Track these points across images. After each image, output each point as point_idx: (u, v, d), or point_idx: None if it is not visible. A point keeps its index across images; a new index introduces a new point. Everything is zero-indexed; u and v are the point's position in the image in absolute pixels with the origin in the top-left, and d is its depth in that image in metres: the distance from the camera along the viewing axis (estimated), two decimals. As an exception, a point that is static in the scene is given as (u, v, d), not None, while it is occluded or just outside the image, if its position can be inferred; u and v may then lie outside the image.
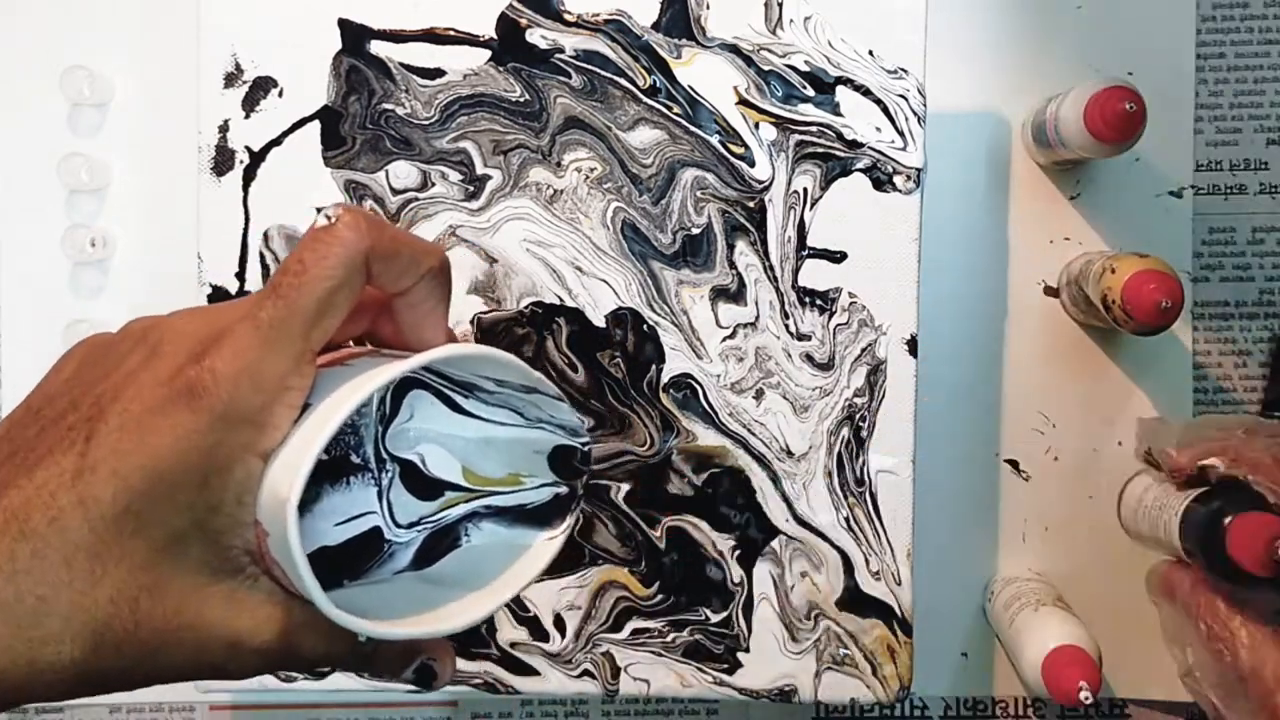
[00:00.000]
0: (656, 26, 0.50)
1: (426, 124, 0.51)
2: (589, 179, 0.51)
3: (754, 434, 0.51)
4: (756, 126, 0.51)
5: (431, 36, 0.51)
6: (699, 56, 0.50)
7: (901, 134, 0.51)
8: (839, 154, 0.51)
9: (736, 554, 0.51)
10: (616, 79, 0.50)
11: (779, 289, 0.51)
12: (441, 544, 0.35)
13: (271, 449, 0.29)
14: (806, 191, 0.51)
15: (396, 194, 0.51)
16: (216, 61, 0.51)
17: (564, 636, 0.52)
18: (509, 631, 0.52)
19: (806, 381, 0.51)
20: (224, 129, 0.51)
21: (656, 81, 0.50)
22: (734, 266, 0.51)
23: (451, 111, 0.51)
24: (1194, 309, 0.61)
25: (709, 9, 0.50)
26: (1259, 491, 0.48)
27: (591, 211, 0.51)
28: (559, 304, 0.51)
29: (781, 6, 0.50)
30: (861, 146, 0.51)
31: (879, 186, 0.51)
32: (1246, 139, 0.61)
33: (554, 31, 0.50)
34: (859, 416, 0.51)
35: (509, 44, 0.50)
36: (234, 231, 0.51)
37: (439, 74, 0.51)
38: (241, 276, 0.52)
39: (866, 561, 0.51)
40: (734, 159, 0.50)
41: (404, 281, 0.31)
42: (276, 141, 0.51)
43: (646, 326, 0.51)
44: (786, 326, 0.51)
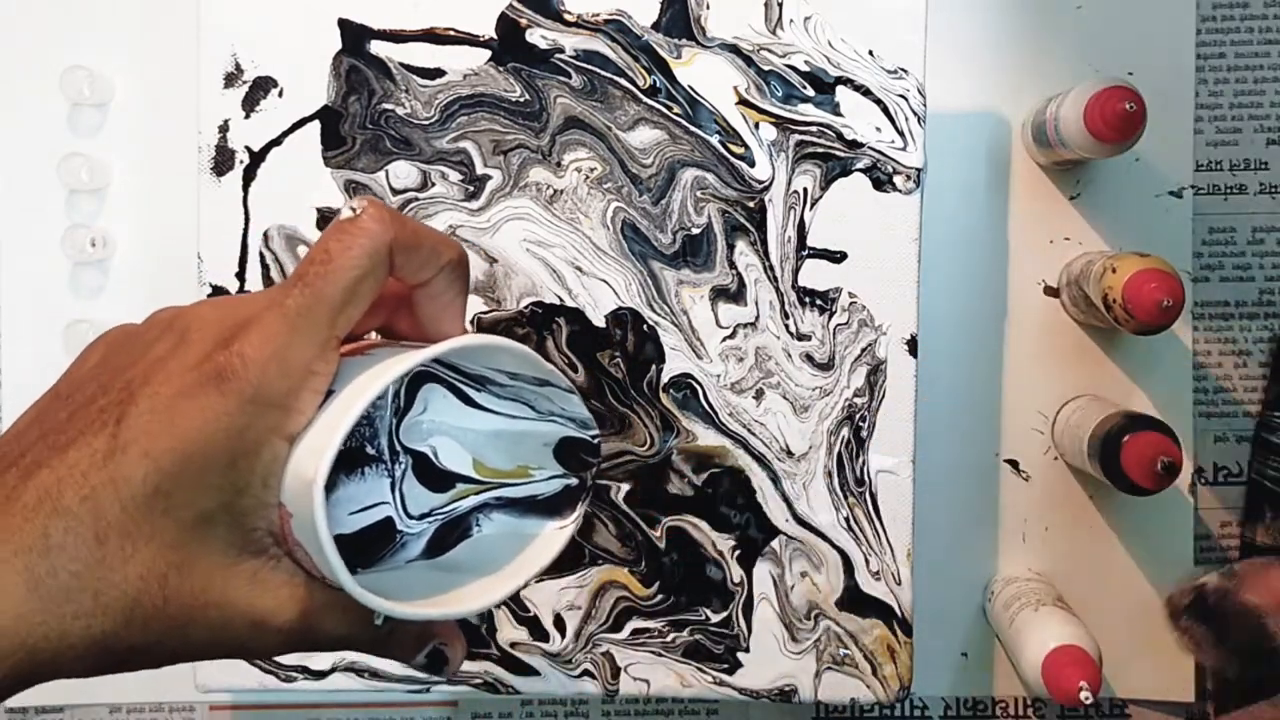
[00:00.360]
0: (656, 26, 0.50)
1: (426, 124, 0.51)
2: (589, 179, 0.51)
3: (754, 434, 0.51)
4: (756, 126, 0.51)
5: (431, 36, 0.51)
6: (699, 56, 0.50)
7: (901, 134, 0.51)
8: (839, 154, 0.51)
9: (736, 554, 0.51)
10: (616, 79, 0.50)
11: (779, 289, 0.51)
12: (453, 534, 0.35)
13: (297, 433, 0.30)
14: (806, 191, 0.51)
15: (396, 194, 0.51)
16: (216, 61, 0.51)
17: (564, 636, 0.52)
18: (509, 631, 0.52)
19: (806, 381, 0.51)
20: (224, 129, 0.51)
21: (656, 81, 0.50)
22: (734, 266, 0.51)
23: (451, 111, 0.51)
24: (1194, 309, 0.61)
25: (709, 9, 0.50)
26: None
27: (591, 211, 0.51)
28: (559, 304, 0.51)
29: (781, 6, 0.50)
30: (861, 146, 0.51)
31: (879, 186, 0.51)
32: (1246, 139, 0.61)
33: (554, 31, 0.50)
34: (859, 416, 0.51)
35: (509, 44, 0.50)
36: (234, 231, 0.51)
37: (439, 74, 0.51)
38: (241, 276, 0.52)
39: (866, 561, 0.51)
40: (734, 159, 0.50)
41: (425, 273, 0.32)
42: (276, 141, 0.51)
43: (646, 326, 0.51)
44: (786, 326, 0.51)
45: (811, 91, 0.51)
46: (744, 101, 0.50)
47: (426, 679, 0.52)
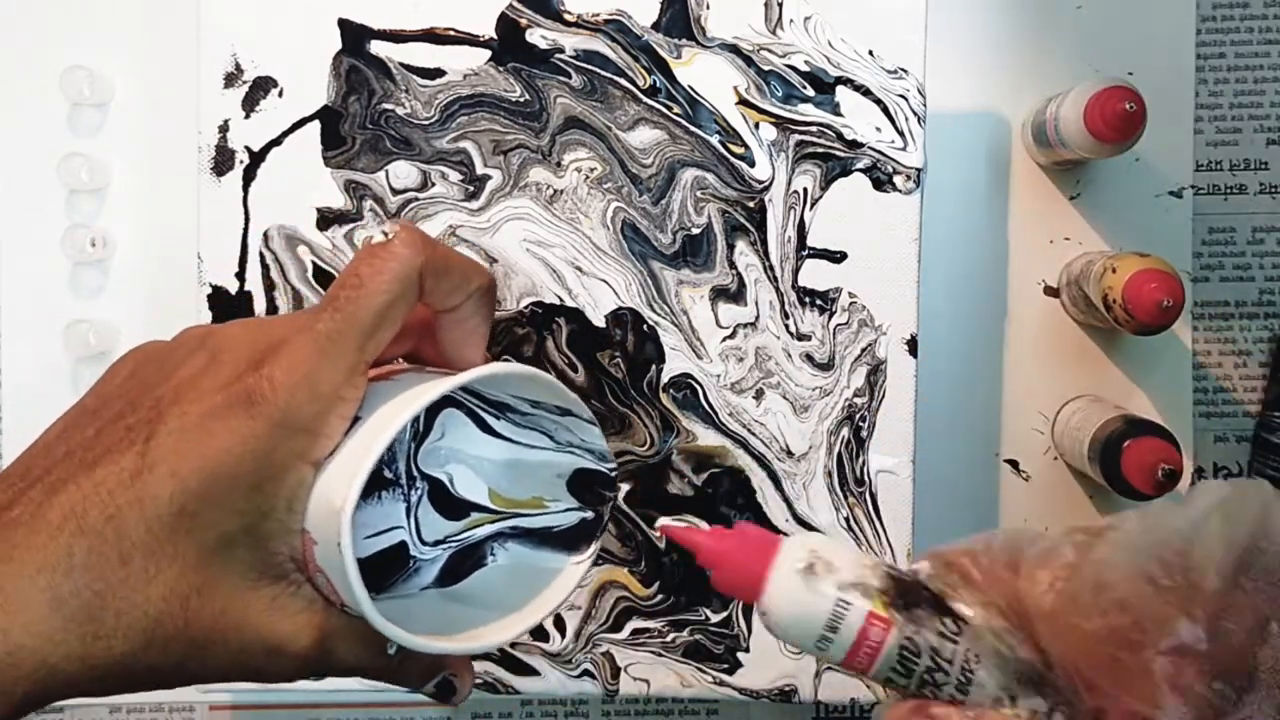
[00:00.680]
0: (656, 26, 0.50)
1: (426, 124, 0.51)
2: (589, 179, 0.51)
3: (754, 434, 0.51)
4: (756, 126, 0.51)
5: (431, 36, 0.51)
6: (699, 56, 0.50)
7: (901, 134, 0.51)
8: (839, 154, 0.51)
9: (736, 554, 0.51)
10: (616, 79, 0.50)
11: (779, 289, 0.51)
12: (466, 562, 0.35)
13: (323, 458, 0.30)
14: (806, 191, 0.51)
15: (396, 194, 0.51)
16: (216, 61, 0.51)
17: (564, 636, 0.52)
18: (509, 631, 0.52)
19: (806, 381, 0.51)
20: (224, 129, 0.51)
21: (656, 81, 0.50)
22: (734, 266, 0.51)
23: (451, 111, 0.51)
24: (1194, 309, 0.61)
25: (709, 9, 0.50)
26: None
27: (591, 211, 0.51)
28: (559, 304, 0.51)
29: (781, 6, 0.50)
30: (861, 146, 0.51)
31: (879, 186, 0.51)
32: (1246, 139, 0.61)
33: (554, 31, 0.50)
34: (859, 416, 0.51)
35: (509, 44, 0.50)
36: (234, 231, 0.51)
37: (439, 74, 0.51)
38: (241, 276, 0.52)
39: (866, 561, 0.51)
40: (734, 159, 0.50)
41: (454, 299, 0.32)
42: (276, 141, 0.51)
43: (646, 326, 0.51)
44: (786, 326, 0.51)
45: (811, 91, 0.51)
46: (744, 101, 0.50)
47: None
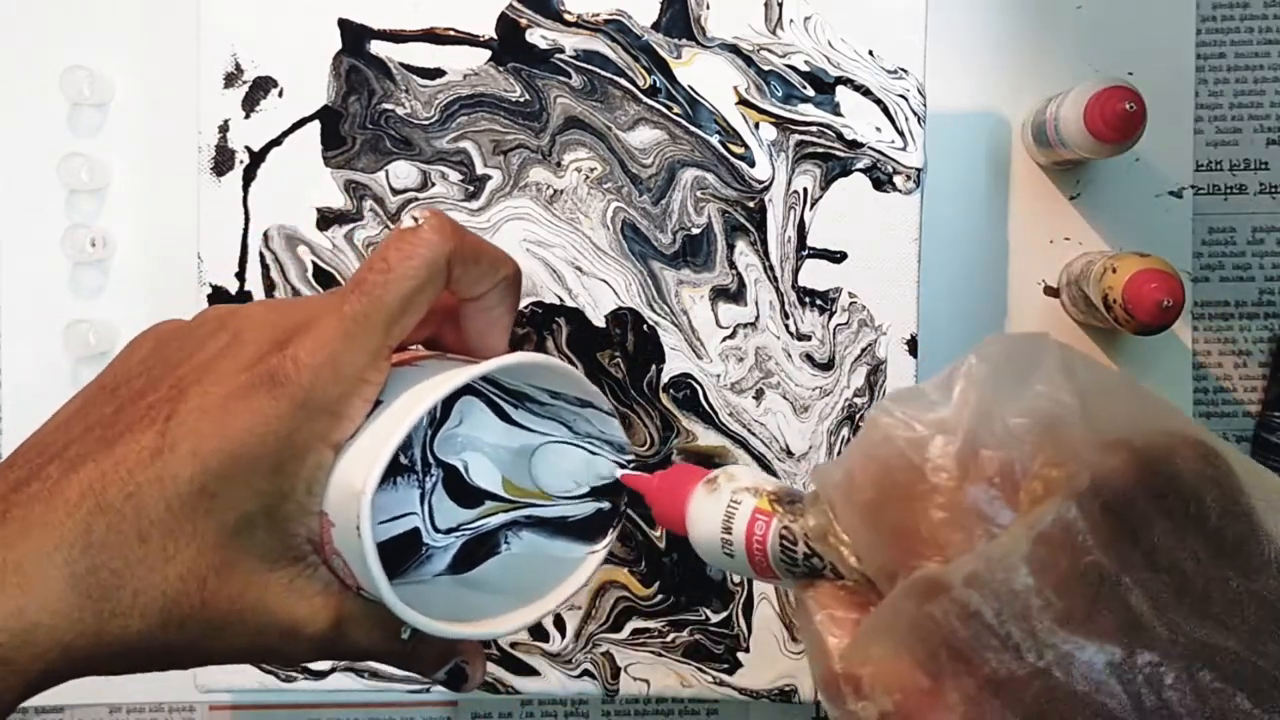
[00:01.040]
0: (656, 26, 0.50)
1: (426, 124, 0.51)
2: (589, 179, 0.51)
3: (754, 434, 0.51)
4: (756, 126, 0.51)
5: (431, 36, 0.51)
6: (699, 56, 0.51)
7: (901, 134, 0.51)
8: (839, 154, 0.51)
9: (736, 554, 0.51)
10: (616, 79, 0.50)
11: (779, 289, 0.51)
12: (480, 550, 0.35)
13: (344, 441, 0.30)
14: (806, 191, 0.51)
15: (396, 194, 0.51)
16: (216, 61, 0.51)
17: (564, 636, 0.52)
18: (509, 631, 0.52)
19: (806, 381, 0.51)
20: (224, 129, 0.51)
21: (656, 81, 0.50)
22: (734, 266, 0.51)
23: (451, 111, 0.51)
24: (1194, 309, 0.61)
25: (709, 9, 0.50)
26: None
27: (591, 211, 0.51)
28: (559, 304, 0.51)
29: (781, 6, 0.50)
30: (861, 146, 0.51)
31: (879, 186, 0.51)
32: (1246, 139, 0.61)
33: (554, 31, 0.50)
34: (859, 416, 0.51)
35: (509, 44, 0.50)
36: (234, 231, 0.51)
37: (439, 74, 0.51)
38: (241, 276, 0.52)
39: (866, 561, 0.51)
40: (734, 159, 0.50)
41: (480, 287, 0.32)
42: (276, 141, 0.51)
43: (646, 326, 0.51)
44: (786, 326, 0.51)
45: (811, 91, 0.51)
46: (744, 101, 0.50)
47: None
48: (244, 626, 0.30)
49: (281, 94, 0.51)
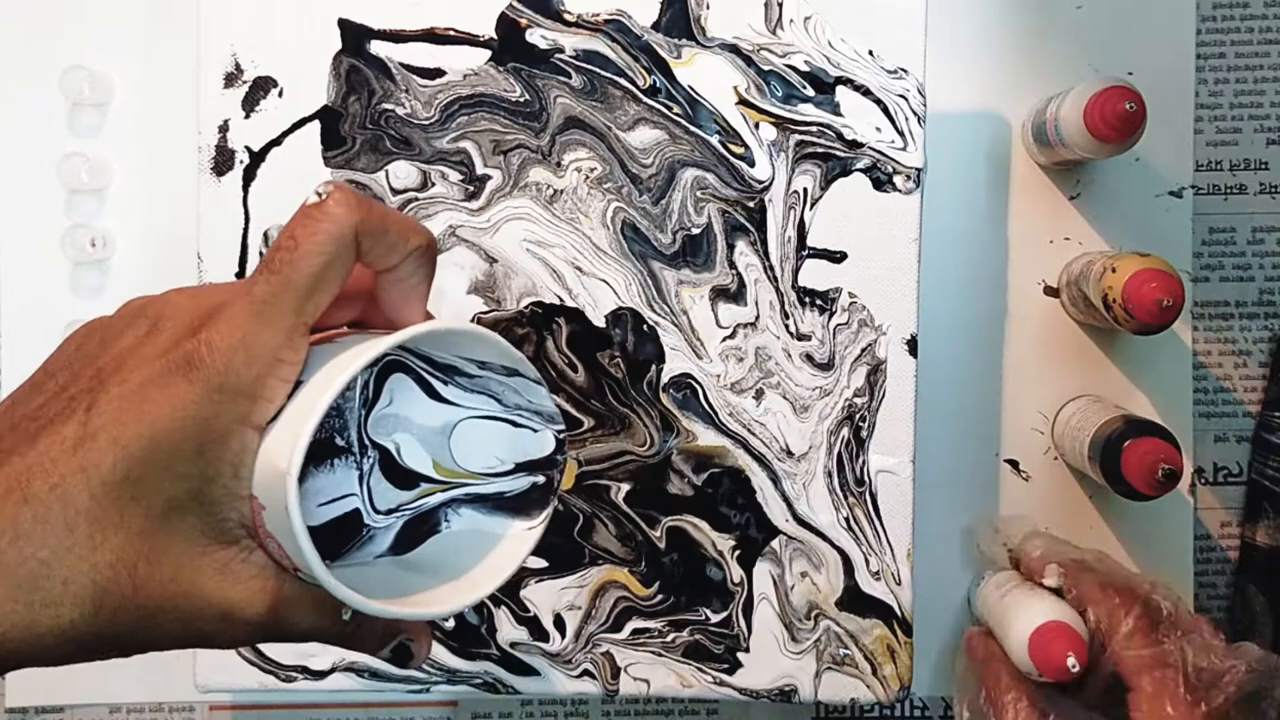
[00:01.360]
0: (656, 26, 0.50)
1: (426, 124, 0.51)
2: (589, 179, 0.51)
3: (754, 434, 0.51)
4: (756, 126, 0.51)
5: (431, 36, 0.51)
6: (699, 56, 0.50)
7: (901, 134, 0.51)
8: (839, 154, 0.51)
9: (736, 554, 0.51)
10: (616, 79, 0.50)
11: (779, 289, 0.51)
12: (421, 529, 0.35)
13: (266, 421, 0.30)
14: (806, 191, 0.51)
15: (396, 194, 0.51)
16: (216, 61, 0.51)
17: (564, 636, 0.52)
18: (509, 631, 0.52)
19: (806, 381, 0.51)
20: (224, 129, 0.51)
21: (656, 81, 0.50)
22: (734, 266, 0.51)
23: (451, 111, 0.51)
24: (1194, 309, 0.61)
25: (709, 9, 0.50)
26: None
27: (591, 211, 0.51)
28: (559, 304, 0.51)
29: (781, 6, 0.50)
30: (861, 146, 0.51)
31: (879, 186, 0.51)
32: (1246, 139, 0.61)
33: (554, 31, 0.50)
34: (859, 416, 0.51)
35: (509, 44, 0.50)
36: (234, 231, 0.51)
37: (439, 74, 0.51)
38: (241, 276, 0.52)
39: (866, 561, 0.51)
40: (734, 159, 0.50)
41: (391, 258, 0.32)
42: (276, 141, 0.51)
43: (646, 326, 0.51)
44: (786, 326, 0.51)
45: (811, 91, 0.51)
46: (744, 101, 0.50)
47: (426, 679, 0.52)
48: (178, 612, 0.30)
49: (281, 94, 0.51)
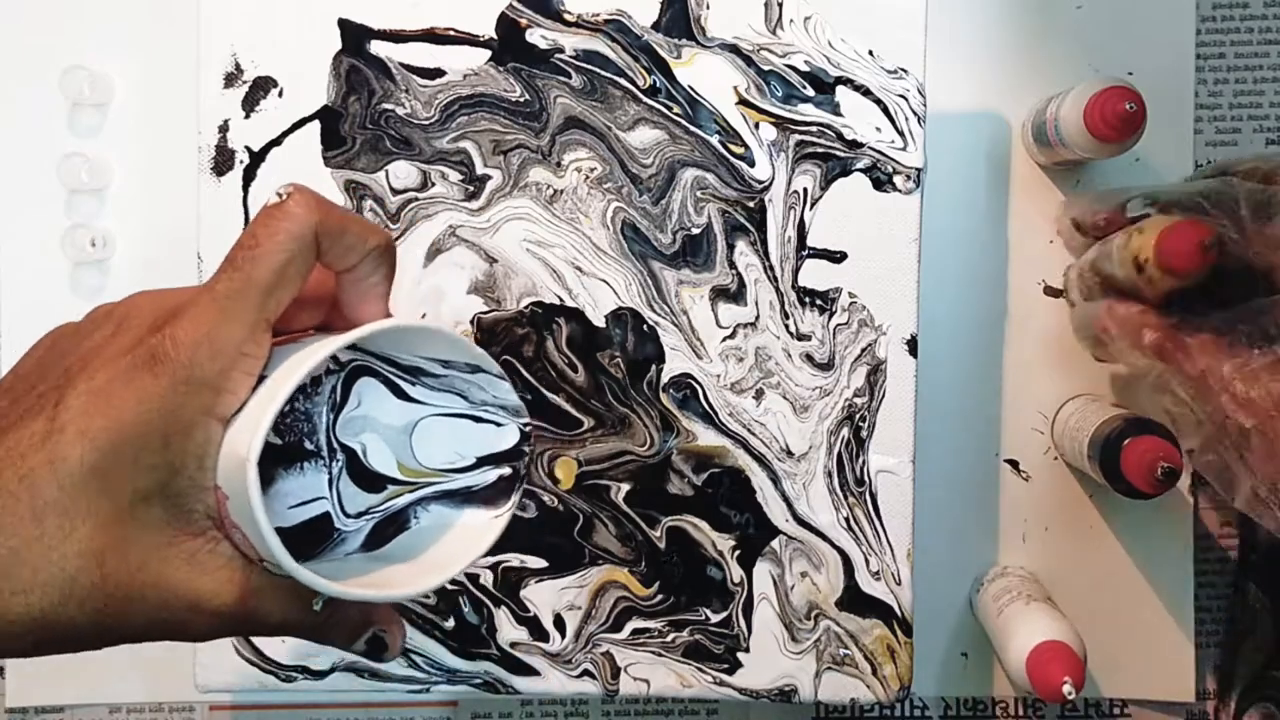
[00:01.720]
0: (656, 26, 0.50)
1: (426, 124, 0.51)
2: (589, 179, 0.51)
3: (754, 434, 0.51)
4: (756, 126, 0.51)
5: (431, 36, 0.51)
6: (699, 56, 0.50)
7: (901, 134, 0.51)
8: (839, 154, 0.51)
9: (736, 554, 0.51)
10: (616, 79, 0.50)
11: (779, 289, 0.51)
12: (390, 527, 0.36)
13: (229, 414, 0.31)
14: (806, 191, 0.51)
15: (396, 194, 0.51)
16: (216, 61, 0.51)
17: (564, 636, 0.52)
18: (509, 631, 0.52)
19: (806, 381, 0.51)
20: (224, 129, 0.51)
21: (656, 81, 0.50)
22: (734, 266, 0.51)
23: (451, 111, 0.51)
24: (1194, 309, 0.61)
25: (709, 9, 0.50)
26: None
27: (591, 211, 0.51)
28: (559, 304, 0.51)
29: (781, 6, 0.50)
30: (861, 146, 0.51)
31: (879, 186, 0.51)
32: (1246, 139, 0.61)
33: (554, 31, 0.50)
34: (859, 416, 0.51)
35: (509, 44, 0.50)
36: (234, 231, 0.51)
37: (439, 74, 0.51)
38: (241, 276, 0.52)
39: (866, 561, 0.51)
40: (734, 159, 0.50)
41: (350, 258, 0.33)
42: (276, 141, 0.51)
43: (646, 326, 0.51)
44: (786, 326, 0.51)
45: (811, 91, 0.51)
46: (744, 101, 0.50)
47: (426, 678, 0.52)
48: (145, 603, 0.31)
49: (281, 94, 0.51)
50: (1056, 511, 0.61)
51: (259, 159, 0.51)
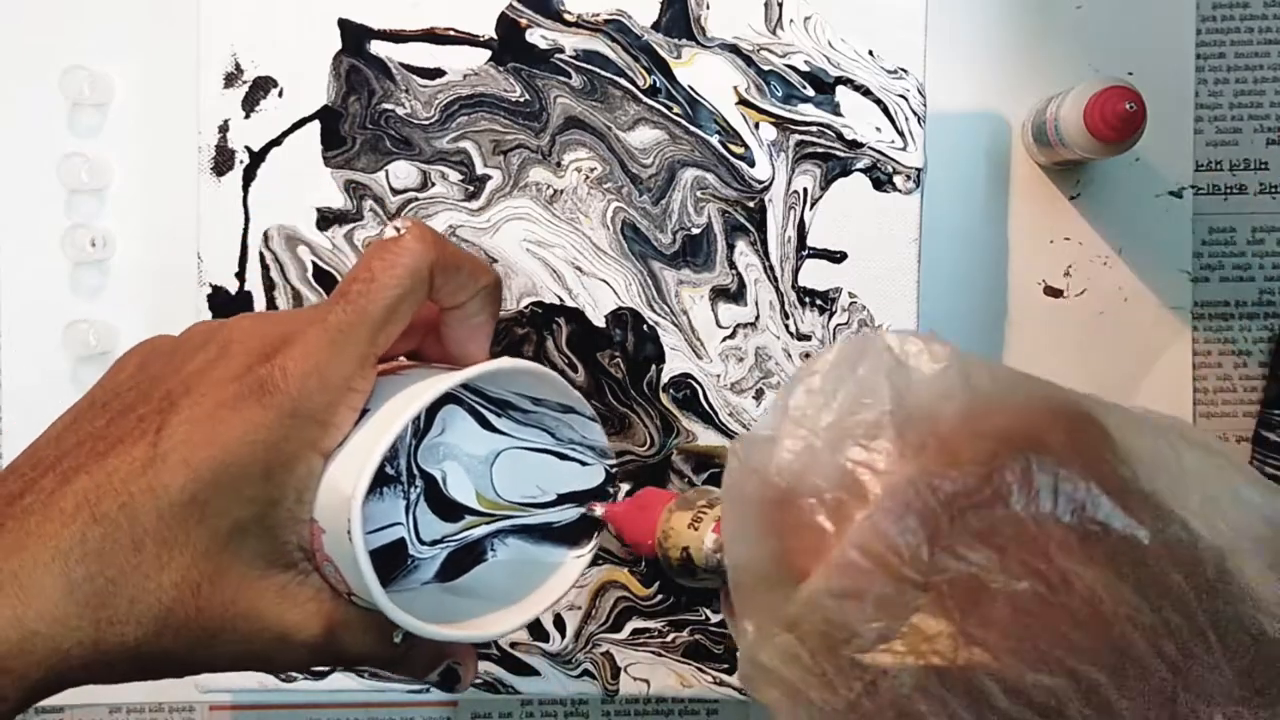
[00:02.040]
0: (656, 26, 0.50)
1: (426, 124, 0.51)
2: (589, 179, 0.51)
3: (754, 434, 0.51)
4: (756, 126, 0.51)
5: (431, 36, 0.51)
6: (699, 56, 0.51)
7: (901, 134, 0.51)
8: (839, 154, 0.51)
9: (736, 554, 0.51)
10: (616, 79, 0.50)
11: (779, 289, 0.51)
12: (467, 558, 0.35)
13: (332, 448, 0.30)
14: (806, 191, 0.51)
15: (396, 194, 0.51)
16: (216, 61, 0.51)
17: (564, 636, 0.52)
18: (509, 631, 0.52)
19: (806, 381, 0.51)
20: (224, 129, 0.51)
21: (656, 81, 0.50)
22: (734, 266, 0.51)
23: (451, 111, 0.51)
24: (1194, 309, 0.61)
25: (709, 9, 0.50)
26: None
27: (591, 211, 0.51)
28: (559, 304, 0.51)
29: (781, 6, 0.50)
30: (861, 146, 0.51)
31: (879, 186, 0.51)
32: (1246, 139, 0.61)
33: (554, 31, 0.50)
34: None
35: (509, 44, 0.50)
36: (234, 231, 0.51)
37: (439, 74, 0.51)
38: (241, 276, 0.52)
39: (866, 561, 0.51)
40: (734, 159, 0.50)
41: (460, 296, 0.33)
42: (276, 141, 0.51)
43: (646, 326, 0.51)
44: (786, 326, 0.51)
45: (811, 91, 0.51)
46: (744, 101, 0.50)
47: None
48: (236, 633, 0.30)
49: (281, 94, 0.51)
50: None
51: (259, 159, 0.51)
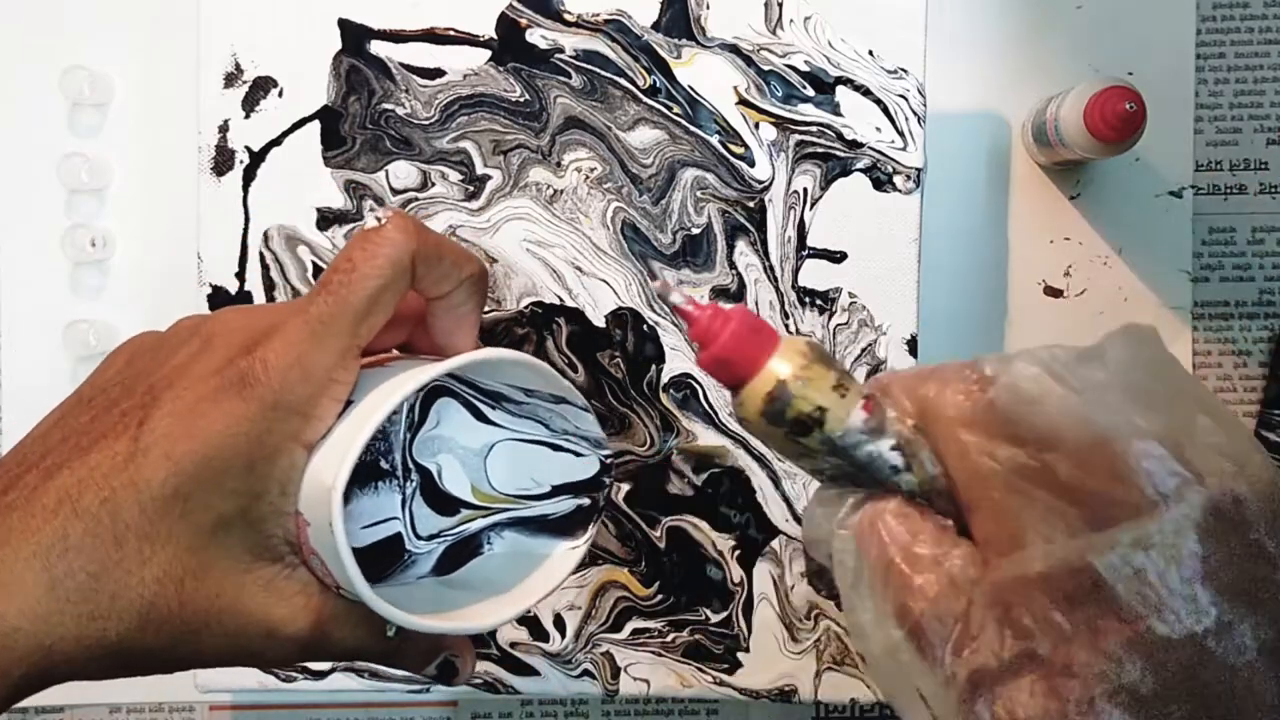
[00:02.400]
0: (656, 26, 0.50)
1: (426, 124, 0.51)
2: (589, 179, 0.51)
3: (754, 434, 0.51)
4: (756, 126, 0.51)
5: (431, 36, 0.51)
6: (699, 56, 0.50)
7: (901, 134, 0.51)
8: (839, 154, 0.51)
9: (736, 554, 0.51)
10: (616, 79, 0.50)
11: (779, 289, 0.51)
12: (463, 552, 0.35)
13: (315, 440, 0.30)
14: (806, 191, 0.51)
15: (396, 194, 0.51)
16: (216, 61, 0.51)
17: (564, 636, 0.52)
18: (509, 631, 0.52)
19: (806, 381, 0.51)
20: (224, 129, 0.51)
21: (656, 81, 0.50)
22: (734, 266, 0.51)
23: (451, 111, 0.51)
24: (1194, 309, 0.61)
25: (709, 9, 0.50)
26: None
27: (591, 211, 0.51)
28: (559, 304, 0.51)
29: (781, 6, 0.50)
30: (861, 146, 0.51)
31: (879, 186, 0.51)
32: (1246, 139, 0.61)
33: (554, 31, 0.50)
34: (859, 416, 0.51)
35: (509, 44, 0.50)
36: (234, 231, 0.51)
37: (439, 74, 0.51)
38: (241, 276, 0.52)
39: (866, 561, 0.51)
40: (734, 159, 0.50)
41: (444, 285, 0.32)
42: (276, 141, 0.51)
43: (646, 326, 0.51)
44: (786, 326, 0.51)
45: (811, 91, 0.51)
46: (744, 101, 0.50)
47: (426, 679, 0.52)
48: (222, 628, 0.30)
49: (281, 94, 0.51)
50: (1056, 511, 0.61)
51: (259, 159, 0.51)
